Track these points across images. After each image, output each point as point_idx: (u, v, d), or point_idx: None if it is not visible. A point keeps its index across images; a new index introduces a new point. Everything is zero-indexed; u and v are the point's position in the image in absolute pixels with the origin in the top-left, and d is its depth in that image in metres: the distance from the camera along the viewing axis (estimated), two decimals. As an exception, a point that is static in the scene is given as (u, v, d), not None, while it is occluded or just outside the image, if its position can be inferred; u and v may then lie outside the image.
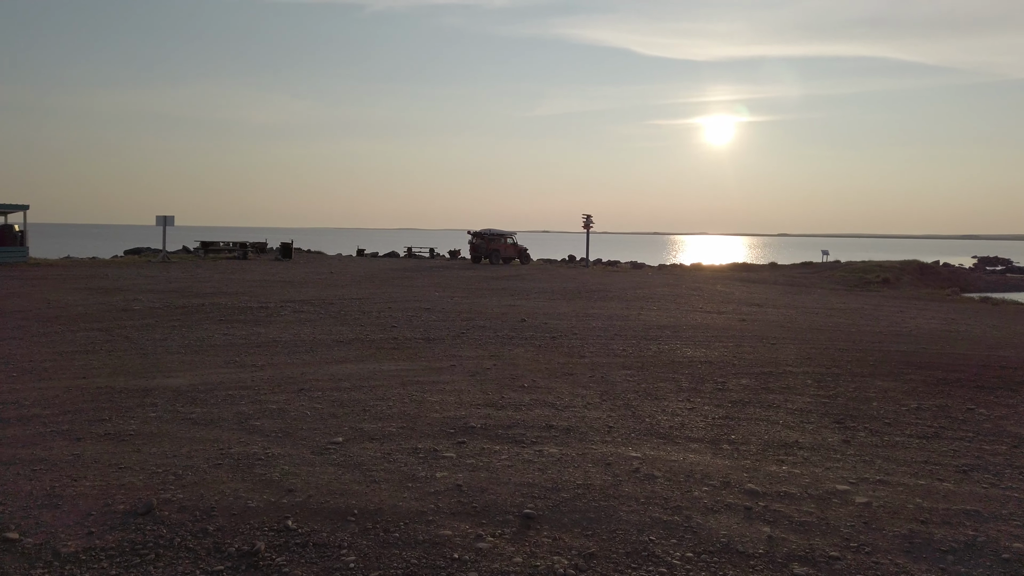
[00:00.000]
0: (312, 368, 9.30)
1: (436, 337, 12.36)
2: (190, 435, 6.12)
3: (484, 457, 5.72)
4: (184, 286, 20.87)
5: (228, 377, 8.57)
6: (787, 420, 7.25)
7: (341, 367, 9.43)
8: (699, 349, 11.85)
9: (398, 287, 23.41)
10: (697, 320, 16.28)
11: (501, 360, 10.32)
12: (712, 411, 7.54)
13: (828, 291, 32.78)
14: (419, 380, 8.70)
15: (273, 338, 11.76)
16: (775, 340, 13.24)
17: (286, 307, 16.09)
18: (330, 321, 14.05)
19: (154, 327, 12.60)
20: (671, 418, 7.18)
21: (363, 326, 13.45)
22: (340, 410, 7.09)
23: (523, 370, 9.58)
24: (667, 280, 33.85)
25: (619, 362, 10.44)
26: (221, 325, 13.09)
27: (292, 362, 9.72)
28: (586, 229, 47.20)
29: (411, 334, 12.63)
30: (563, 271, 39.00)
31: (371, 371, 9.18)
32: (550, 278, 31.67)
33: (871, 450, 6.26)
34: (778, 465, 5.72)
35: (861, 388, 9.02)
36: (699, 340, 12.94)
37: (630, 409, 7.51)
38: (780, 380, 9.40)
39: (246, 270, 29.62)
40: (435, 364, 9.86)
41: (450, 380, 8.77)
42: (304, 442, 5.99)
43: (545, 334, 13.15)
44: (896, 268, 50.24)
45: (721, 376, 9.55)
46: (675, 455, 5.90)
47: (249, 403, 7.26)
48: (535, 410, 7.35)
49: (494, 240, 44.76)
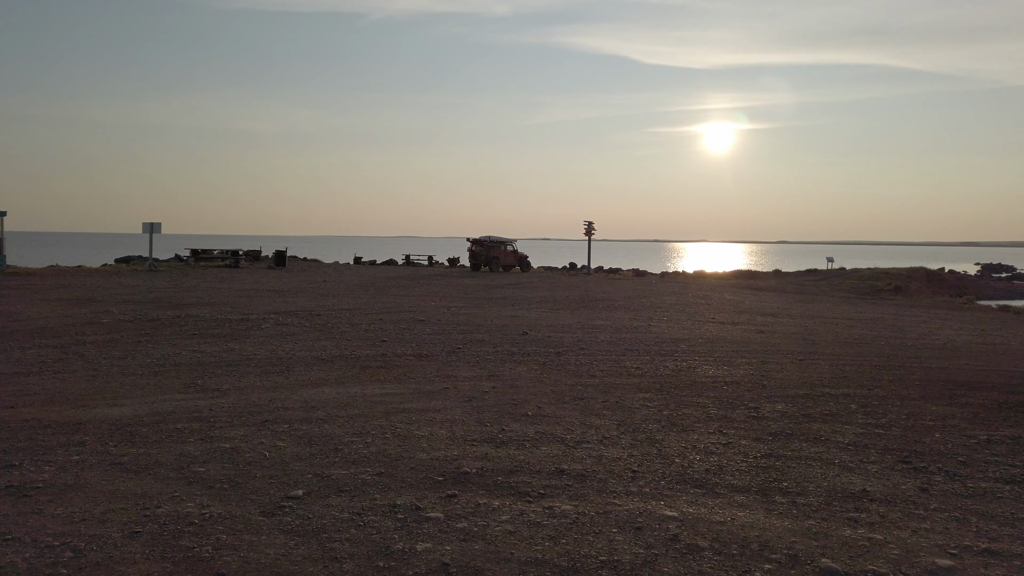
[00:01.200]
0: (284, 393, 8.10)
1: (429, 354, 11.16)
2: (113, 487, 4.92)
3: (479, 518, 4.52)
4: (165, 296, 19.67)
5: (183, 405, 7.37)
6: (843, 459, 6.05)
7: (317, 391, 8.22)
8: (721, 367, 10.66)
9: (393, 297, 22.22)
10: (712, 332, 15.08)
11: (501, 381, 9.12)
12: (751, 447, 6.34)
13: (840, 299, 31.60)
14: (406, 408, 7.50)
15: (247, 355, 10.56)
16: (801, 356, 12.04)
17: (269, 319, 14.89)
18: (314, 335, 12.85)
19: (117, 343, 11.40)
20: (705, 457, 5.97)
21: (350, 341, 12.25)
22: (307, 450, 5.89)
23: (526, 394, 8.38)
24: (672, 288, 32.64)
25: (634, 383, 9.24)
26: (193, 340, 11.89)
27: (262, 385, 8.52)
28: (587, 236, 46.03)
29: (402, 350, 11.43)
30: (564, 279, 37.82)
31: (351, 396, 7.98)
32: (552, 286, 30.48)
33: (957, 501, 5.07)
34: (852, 527, 4.52)
35: (915, 415, 7.83)
36: (719, 356, 11.74)
37: (655, 445, 6.31)
38: (820, 405, 8.21)
39: (236, 279, 28.42)
40: (426, 387, 8.66)
41: (442, 407, 7.57)
42: (254, 497, 4.79)
43: (549, 349, 11.96)
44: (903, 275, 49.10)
45: (752, 400, 8.35)
46: (720, 513, 4.70)
47: (198, 441, 6.06)
48: (542, 447, 6.15)
49: (494, 247, 43.55)
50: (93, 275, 27.94)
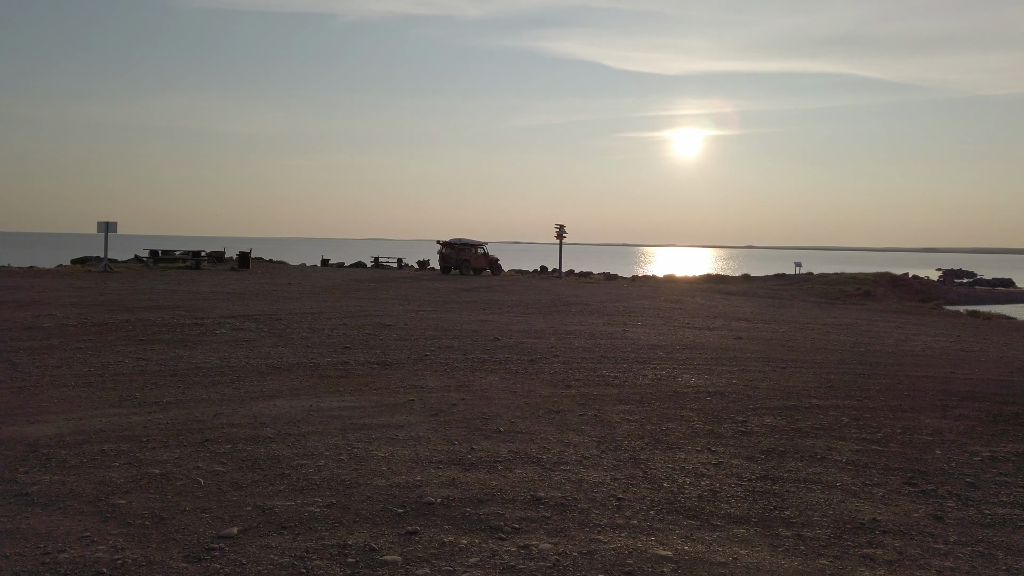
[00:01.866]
0: (231, 406, 7.35)
1: (394, 361, 10.47)
2: (12, 525, 4.18)
3: (444, 561, 3.88)
4: (116, 299, 18.63)
5: (114, 422, 6.59)
6: (844, 481, 5.54)
7: (269, 405, 7.49)
8: (702, 376, 10.15)
9: (358, 300, 21.42)
10: (689, 338, 14.62)
11: (471, 392, 8.48)
12: (744, 467, 5.79)
13: (811, 304, 31.55)
14: (366, 423, 6.81)
15: (196, 364, 9.75)
16: (783, 363, 11.61)
17: (225, 324, 14.04)
18: (272, 341, 12.06)
19: (53, 350, 10.50)
20: (696, 481, 5.41)
21: (309, 347, 11.49)
22: (248, 475, 5.19)
23: (498, 406, 7.75)
24: (644, 292, 32.30)
25: (613, 394, 8.67)
26: (139, 347, 11.03)
27: (208, 397, 7.76)
28: (559, 239, 45.60)
29: (365, 357, 10.72)
30: (536, 282, 37.28)
31: (306, 410, 7.27)
32: (523, 290, 29.90)
33: (977, 532, 4.57)
34: (870, 567, 3.98)
35: (910, 429, 7.38)
36: (698, 363, 11.24)
37: (640, 466, 5.73)
38: (810, 418, 7.72)
39: (195, 281, 27.32)
40: (389, 399, 7.98)
41: (406, 423, 6.90)
42: (179, 536, 4.09)
43: (522, 356, 11.35)
44: (870, 280, 49.58)
45: (739, 413, 7.83)
46: (720, 551, 4.12)
47: (124, 465, 5.32)
48: (516, 470, 5.53)
49: (464, 250, 42.84)
50: (43, 276, 26.61)
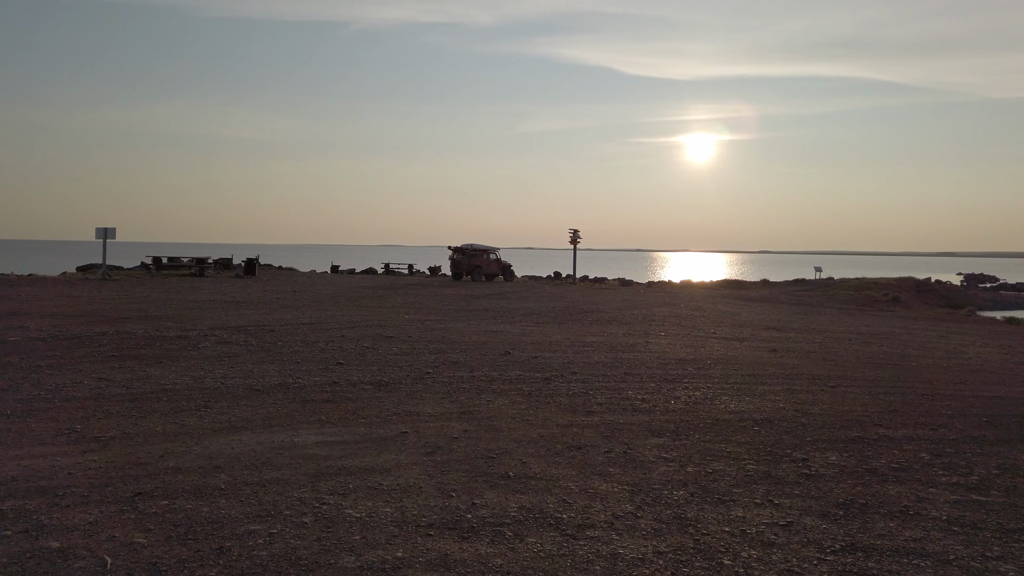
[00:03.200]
0: (186, 443, 6.14)
1: (391, 381, 9.24)
2: None
3: None
4: (104, 308, 17.56)
5: (34, 466, 5.39)
6: (958, 552, 4.24)
7: (232, 440, 6.27)
8: (742, 398, 8.84)
9: (364, 308, 20.26)
10: (719, 351, 13.29)
11: (476, 420, 7.24)
12: (822, 531, 4.50)
13: (840, 311, 30.08)
14: (345, 466, 5.58)
15: (164, 385, 8.57)
16: (830, 381, 10.27)
17: (211, 336, 12.88)
18: (258, 356, 10.88)
19: (8, 368, 9.35)
20: (765, 555, 4.12)
21: (298, 364, 10.30)
22: (175, 551, 3.96)
23: (507, 440, 6.50)
24: (662, 299, 30.94)
25: (642, 422, 7.39)
26: (106, 365, 9.87)
27: (162, 430, 6.56)
28: (573, 245, 44.31)
29: (359, 376, 9.50)
30: (549, 289, 36.02)
31: (275, 448, 6.05)
32: (537, 296, 28.65)
33: None
34: None
35: (1007, 468, 6.05)
36: (736, 382, 9.93)
37: (688, 530, 4.45)
38: (882, 453, 6.41)
39: (196, 289, 26.30)
40: (379, 430, 6.75)
41: (394, 464, 5.66)
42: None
43: (536, 373, 10.09)
44: (893, 285, 47.91)
45: (795, 447, 6.53)
46: None
47: (18, 535, 4.10)
48: (528, 538, 4.27)
49: (476, 256, 41.64)
50: (36, 284, 25.66)
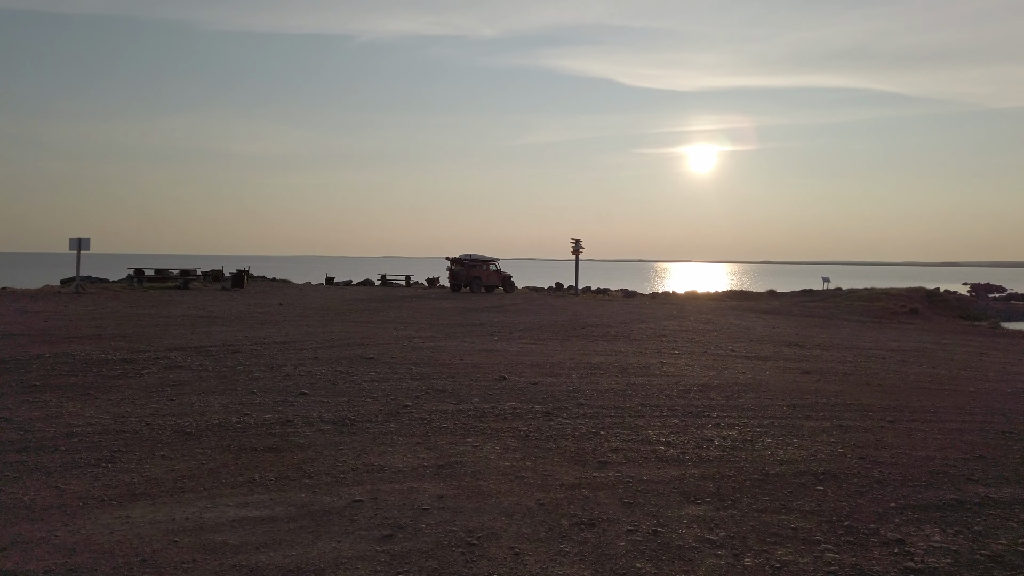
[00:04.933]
0: (48, 523, 4.49)
1: (358, 418, 7.58)
2: None
3: None
4: (58, 326, 15.94)
5: None
6: None
7: (117, 517, 4.62)
8: (789, 439, 7.17)
9: (349, 323, 18.63)
10: (744, 373, 11.62)
11: (456, 479, 5.58)
12: None
13: (858, 324, 28.36)
14: (258, 566, 3.93)
15: (73, 427, 6.92)
16: (886, 413, 8.62)
17: (163, 359, 11.25)
18: (208, 385, 9.24)
19: None
20: None
21: (251, 395, 8.65)
22: None
23: (494, 512, 4.85)
24: (669, 311, 29.29)
25: (672, 479, 5.73)
26: (18, 398, 8.21)
27: (29, 501, 4.89)
28: (575, 255, 42.71)
29: (320, 412, 7.84)
30: (551, 300, 34.37)
31: (171, 530, 4.39)
32: (538, 309, 27.02)
33: None
34: None
35: None
36: (775, 415, 8.28)
37: None
38: (997, 527, 4.76)
39: (174, 303, 24.70)
40: (323, 498, 5.09)
41: (332, 561, 4.01)
42: None
43: (535, 405, 8.45)
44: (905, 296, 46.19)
45: (881, 520, 4.87)
46: None
47: None
48: None
49: (475, 267, 40.03)
50: (4, 298, 24.06)
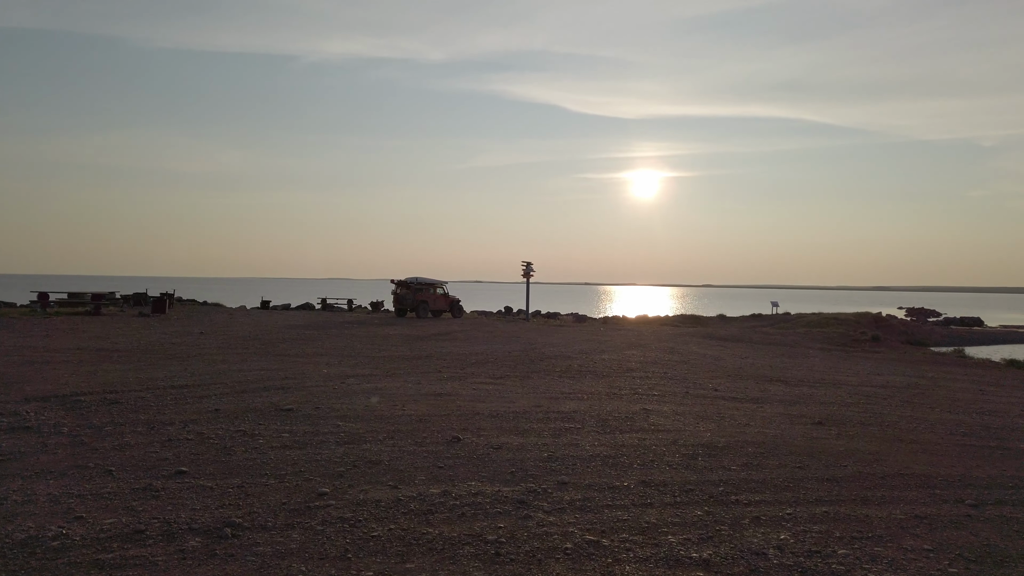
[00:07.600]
0: None
1: (245, 523, 5.16)
2: None
3: None
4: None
5: None
6: None
7: None
8: (869, 548, 5.09)
9: (275, 358, 15.99)
10: (748, 426, 9.60)
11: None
12: None
13: (824, 353, 27.05)
14: None
15: None
16: (955, 491, 6.67)
17: (6, 417, 8.54)
18: (53, 457, 6.64)
19: None
20: None
21: (105, 476, 6.11)
22: None
23: None
24: (627, 339, 27.41)
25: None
26: None
27: None
28: (526, 278, 40.69)
29: (190, 513, 5.38)
30: (502, 327, 32.17)
31: None
32: (489, 337, 24.76)
33: None
34: None
35: None
36: (821, 501, 6.20)
37: None
38: None
39: (74, 332, 21.53)
40: None
41: None
42: None
43: (502, 487, 6.18)
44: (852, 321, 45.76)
45: None
46: None
47: None
48: None
49: (421, 290, 37.60)
50: None
